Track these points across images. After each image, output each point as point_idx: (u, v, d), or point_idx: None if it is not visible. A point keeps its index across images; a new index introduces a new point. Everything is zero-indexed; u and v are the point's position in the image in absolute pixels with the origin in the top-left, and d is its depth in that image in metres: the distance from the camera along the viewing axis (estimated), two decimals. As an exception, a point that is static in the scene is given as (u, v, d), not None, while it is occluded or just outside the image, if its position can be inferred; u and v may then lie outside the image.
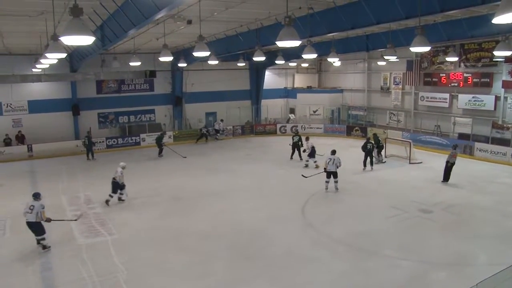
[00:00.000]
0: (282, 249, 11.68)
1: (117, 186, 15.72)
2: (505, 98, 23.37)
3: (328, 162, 16.83)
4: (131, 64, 22.93)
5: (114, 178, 15.67)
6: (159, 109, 31.18)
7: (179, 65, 24.45)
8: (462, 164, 21.59)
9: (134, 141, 27.80)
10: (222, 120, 31.40)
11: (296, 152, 23.11)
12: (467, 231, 12.98)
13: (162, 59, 17.12)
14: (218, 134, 30.46)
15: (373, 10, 13.57)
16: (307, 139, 22.08)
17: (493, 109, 23.93)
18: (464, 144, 23.72)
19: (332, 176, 16.86)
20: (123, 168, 15.94)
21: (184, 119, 31.64)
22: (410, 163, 21.80)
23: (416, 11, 12.18)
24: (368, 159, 20.82)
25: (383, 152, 22.60)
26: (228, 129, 31.39)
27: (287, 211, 14.87)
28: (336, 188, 16.98)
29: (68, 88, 27.49)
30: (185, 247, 11.94)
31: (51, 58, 14.34)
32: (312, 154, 21.20)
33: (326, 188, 17.07)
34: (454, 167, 18.21)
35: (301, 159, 22.64)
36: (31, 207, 11.42)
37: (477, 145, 23.06)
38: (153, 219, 14.22)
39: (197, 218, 14.35)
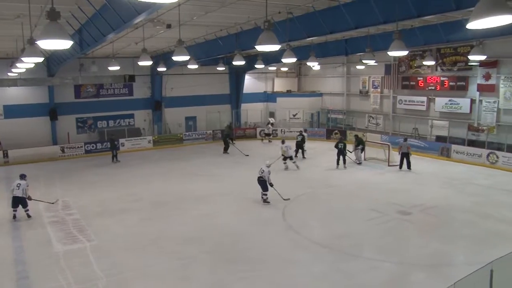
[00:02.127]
0: (263, 252, 11.68)
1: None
2: (480, 101, 23.83)
3: (285, 150, 21.16)
4: (110, 68, 22.69)
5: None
6: (138, 114, 30.94)
7: (159, 69, 24.39)
8: (439, 166, 22.04)
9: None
10: (272, 124, 31.56)
11: (300, 151, 24.20)
12: (445, 232, 13.17)
13: (141, 63, 17.05)
14: (271, 137, 30.62)
15: (352, 15, 13.74)
16: (282, 142, 22.44)
17: (468, 112, 24.38)
18: (441, 146, 24.14)
19: (289, 158, 21.40)
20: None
21: (163, 124, 31.45)
22: (389, 165, 22.04)
23: (393, 16, 12.38)
24: (341, 158, 21.68)
25: (362, 154, 23.00)
26: (208, 133, 31.30)
27: (268, 214, 14.89)
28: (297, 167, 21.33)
29: (45, 93, 27.03)
30: (166, 251, 11.83)
31: (28, 62, 14.16)
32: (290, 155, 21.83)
33: (286, 168, 21.11)
34: (432, 169, 18.53)
35: (304, 157, 24.04)
36: (18, 185, 14.23)
37: (454, 147, 23.47)
38: (133, 224, 14.06)
39: (178, 222, 14.26)
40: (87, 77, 27.11)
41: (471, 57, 19.54)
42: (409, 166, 21.05)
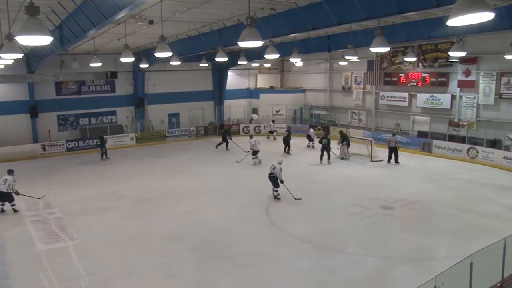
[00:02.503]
0: (248, 249, 11.70)
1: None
2: (461, 97, 24.18)
3: (254, 145, 21.62)
4: (92, 65, 22.38)
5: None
6: (120, 111, 30.62)
7: (141, 66, 24.16)
8: (421, 161, 22.33)
9: (95, 143, 27.18)
10: (273, 121, 31.13)
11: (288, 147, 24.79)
12: (427, 226, 13.35)
13: (123, 60, 16.87)
14: (274, 134, 30.19)
15: (334, 11, 13.78)
16: (251, 137, 22.92)
17: (449, 107, 24.71)
18: (423, 141, 24.45)
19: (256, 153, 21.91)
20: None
21: (146, 121, 31.22)
22: (371, 161, 22.25)
23: (375, 13, 12.45)
24: (325, 154, 21.98)
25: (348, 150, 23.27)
26: (191, 130, 31.17)
27: (252, 211, 14.90)
28: (260, 162, 21.67)
29: (25, 90, 26.50)
30: (149, 249, 11.78)
31: (6, 59, 13.90)
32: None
33: (255, 163, 21.63)
34: (413, 164, 18.73)
35: (289, 153, 24.51)
36: (5, 180, 14.45)
37: (435, 142, 23.78)
38: (116, 222, 13.95)
39: (162, 219, 14.19)
40: (68, 73, 26.74)
41: (451, 54, 19.74)
42: (396, 160, 21.69)
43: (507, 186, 17.55)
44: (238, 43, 9.31)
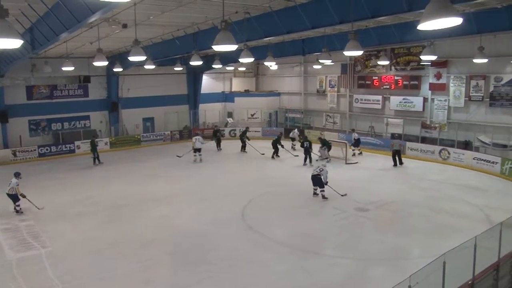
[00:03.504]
0: (225, 253, 11.67)
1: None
2: (432, 99, 24.67)
3: (194, 142, 23.22)
4: (64, 69, 21.99)
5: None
6: (94, 115, 30.14)
7: (115, 70, 23.89)
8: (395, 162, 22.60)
9: (68, 148, 26.74)
10: (296, 129, 28.74)
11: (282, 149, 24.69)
12: (401, 227, 13.57)
13: (96, 63, 16.66)
14: (295, 142, 27.06)
15: (308, 15, 13.92)
16: (195, 135, 24.05)
17: (421, 110, 25.18)
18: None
19: (199, 151, 23.48)
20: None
21: (120, 125, 30.85)
22: (346, 163, 22.47)
23: (349, 17, 12.62)
24: (308, 156, 22.27)
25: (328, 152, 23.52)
26: (166, 134, 30.95)
27: (228, 214, 14.86)
28: (201, 160, 23.29)
29: (-6, 94, 25.93)
30: (125, 255, 11.63)
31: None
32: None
33: (195, 161, 23.19)
34: (387, 166, 19.00)
35: (278, 156, 24.45)
36: (10, 183, 15.16)
37: (409, 144, 24.17)
38: (90, 229, 13.72)
39: (137, 224, 14.04)
40: (40, 77, 26.27)
41: (423, 57, 20.19)
42: (400, 162, 22.00)
43: (477, 187, 17.97)
44: (213, 47, 9.32)
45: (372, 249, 11.87)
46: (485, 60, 19.16)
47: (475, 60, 19.07)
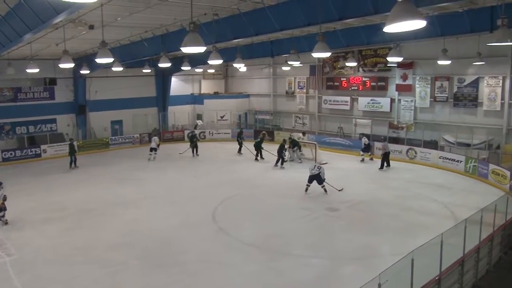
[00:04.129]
0: (195, 255, 11.61)
1: None
2: (399, 100, 25.19)
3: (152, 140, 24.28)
4: (28, 71, 21.39)
5: None
6: (61, 118, 29.43)
7: (82, 72, 23.40)
8: (364, 163, 22.95)
9: (34, 153, 26.04)
10: (304, 134, 26.61)
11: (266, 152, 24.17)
12: (371, 226, 13.78)
13: (62, 65, 16.30)
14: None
15: (277, 17, 14.00)
16: (154, 135, 24.70)
17: (389, 110, 25.68)
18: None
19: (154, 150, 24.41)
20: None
21: (88, 128, 30.28)
22: (300, 160, 22.62)
23: (317, 19, 12.75)
24: (281, 158, 22.36)
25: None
26: (135, 137, 30.54)
27: (198, 217, 14.79)
28: (154, 159, 24.27)
29: (-46, 97, 25.04)
30: (94, 260, 11.41)
31: None
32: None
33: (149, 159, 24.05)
34: (357, 166, 19.25)
35: (262, 158, 24.00)
36: None
37: (377, 144, 24.52)
38: (57, 235, 13.38)
39: (106, 229, 13.80)
40: (3, 80, 25.54)
41: (389, 59, 20.59)
42: (388, 164, 21.64)
43: (443, 185, 18.43)
44: (181, 48, 9.26)
45: (343, 248, 12.02)
46: (449, 62, 19.73)
47: (439, 62, 19.57)
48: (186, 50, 9.20)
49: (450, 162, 21.02)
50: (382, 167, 21.43)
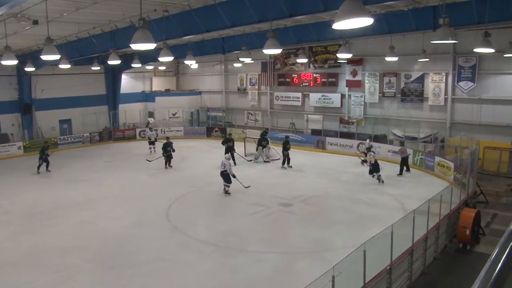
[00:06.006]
0: (149, 255, 11.44)
1: None
2: (349, 96, 25.79)
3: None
4: (-34, 68, 20.45)
5: None
6: (4, 118, 28.20)
7: (26, 69, 22.54)
8: (316, 157, 23.37)
9: (-25, 155, 24.89)
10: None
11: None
12: (323, 220, 14.05)
13: (4, 62, 15.60)
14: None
15: (228, 14, 13.99)
16: None
17: (339, 106, 26.23)
18: (317, 139, 25.60)
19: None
20: None
21: (35, 128, 29.16)
22: (264, 161, 22.59)
23: (267, 16, 12.84)
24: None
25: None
26: (85, 136, 29.70)
27: (152, 216, 14.60)
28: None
29: None
30: (44, 264, 11.02)
31: None
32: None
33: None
34: (309, 161, 19.51)
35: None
36: None
37: (328, 139, 25.05)
38: (2, 240, 12.79)
39: (56, 232, 13.34)
40: None
41: (339, 55, 20.96)
42: (408, 169, 19.66)
43: (393, 177, 19.00)
44: (131, 45, 9.09)
45: (297, 243, 12.19)
46: (396, 58, 20.36)
47: (387, 58, 20.17)
48: (136, 47, 9.06)
49: (399, 155, 21.62)
50: (401, 173, 19.41)
